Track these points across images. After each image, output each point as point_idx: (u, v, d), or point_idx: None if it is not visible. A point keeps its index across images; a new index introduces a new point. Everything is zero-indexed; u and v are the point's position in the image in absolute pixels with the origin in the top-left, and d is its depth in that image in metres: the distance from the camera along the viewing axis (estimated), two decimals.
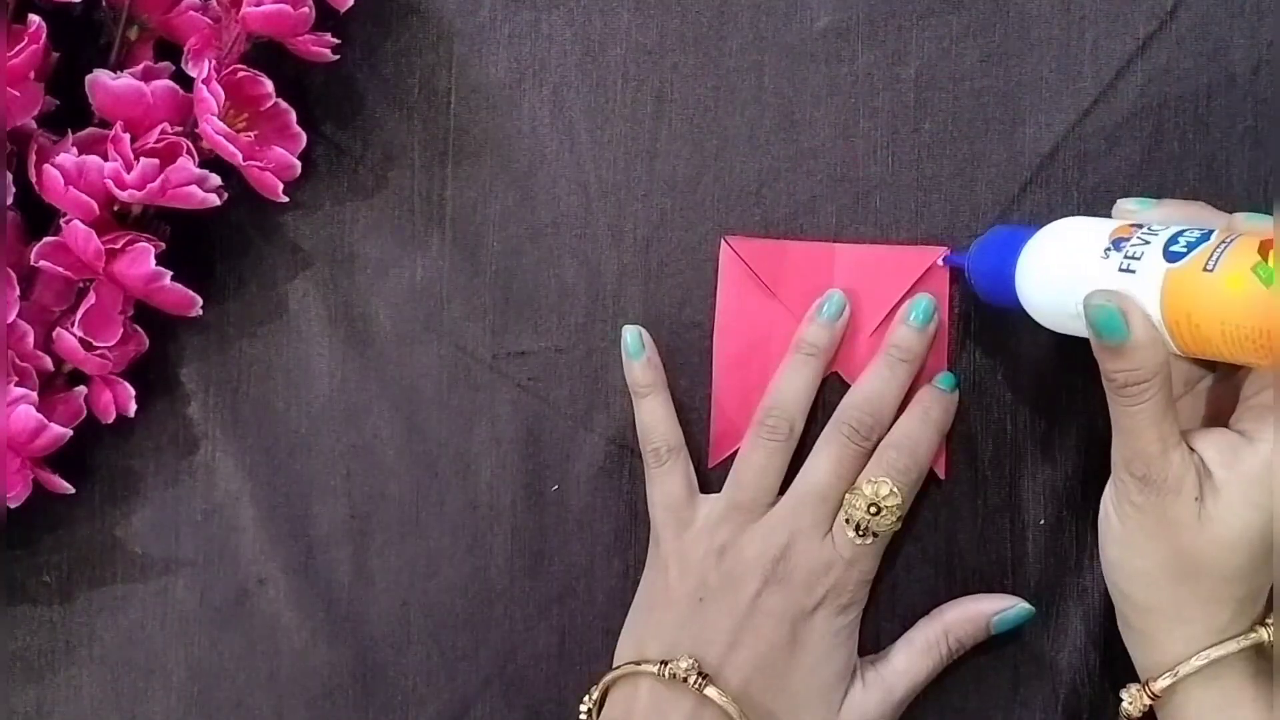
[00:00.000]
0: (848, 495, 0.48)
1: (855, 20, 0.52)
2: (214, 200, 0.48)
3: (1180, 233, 0.42)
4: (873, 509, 0.47)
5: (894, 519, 0.48)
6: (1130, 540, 0.44)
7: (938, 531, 0.51)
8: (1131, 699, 0.45)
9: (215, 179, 0.48)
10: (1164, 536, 0.42)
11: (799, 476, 0.49)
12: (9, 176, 0.48)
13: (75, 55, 0.49)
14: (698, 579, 0.48)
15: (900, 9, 0.52)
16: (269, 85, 0.49)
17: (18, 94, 0.47)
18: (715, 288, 0.52)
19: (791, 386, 0.50)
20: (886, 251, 0.52)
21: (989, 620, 0.50)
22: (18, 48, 0.46)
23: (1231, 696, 0.43)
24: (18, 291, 0.48)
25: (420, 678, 0.53)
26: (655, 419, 0.50)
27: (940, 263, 0.51)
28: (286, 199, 0.50)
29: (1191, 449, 0.43)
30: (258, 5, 0.47)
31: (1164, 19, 0.52)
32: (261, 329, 0.53)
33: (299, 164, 0.50)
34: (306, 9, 0.48)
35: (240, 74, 0.48)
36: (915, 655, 0.49)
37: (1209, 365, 0.45)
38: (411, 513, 0.53)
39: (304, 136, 0.51)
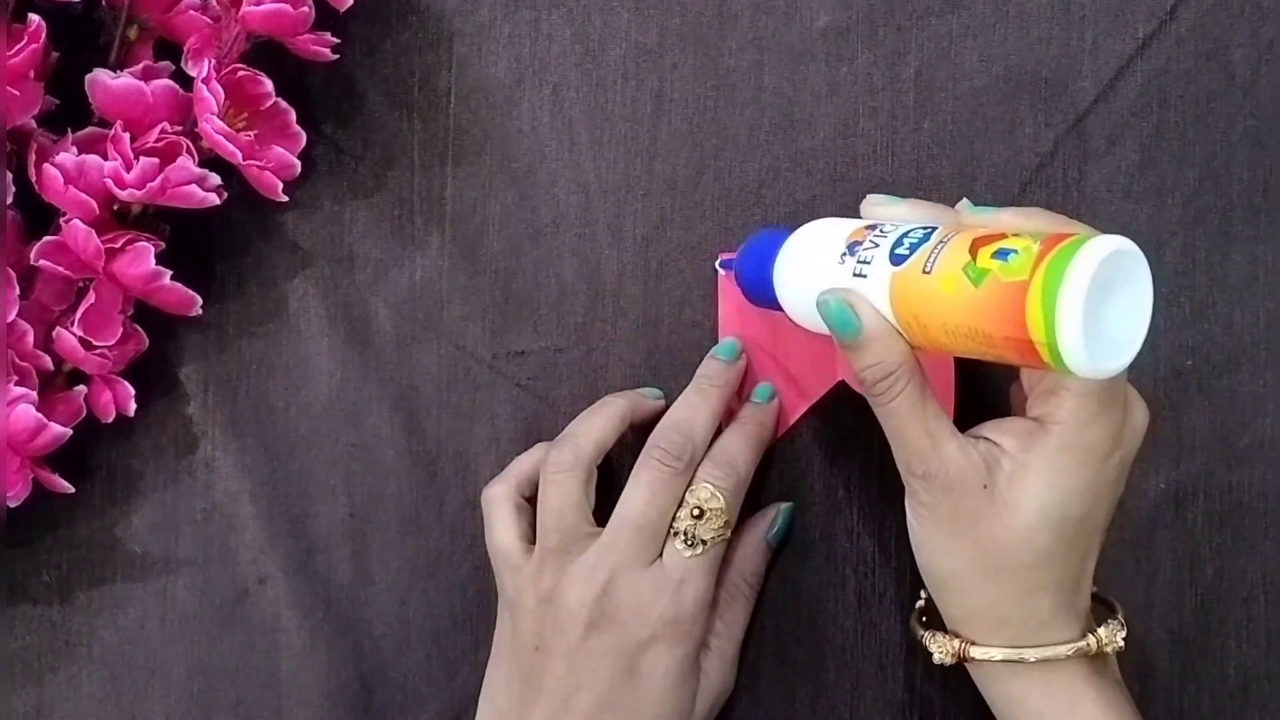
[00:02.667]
0: (676, 512, 0.47)
1: (855, 20, 0.52)
2: (214, 200, 0.48)
3: (906, 234, 0.42)
4: (696, 512, 0.46)
5: (720, 523, 0.46)
6: (933, 543, 0.43)
7: None
8: (942, 650, 0.45)
9: (215, 178, 0.48)
10: (963, 532, 0.42)
11: (615, 509, 0.47)
12: (9, 176, 0.48)
13: (75, 55, 0.49)
14: (532, 629, 0.47)
15: (900, 9, 0.52)
16: (269, 85, 0.49)
17: (18, 93, 0.47)
18: (715, 287, 0.52)
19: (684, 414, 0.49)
20: None
21: (765, 541, 0.50)
22: (18, 47, 0.46)
23: (1064, 696, 0.43)
24: (18, 291, 0.48)
25: (420, 678, 0.53)
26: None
27: (717, 266, 0.51)
28: (286, 198, 0.50)
29: (981, 436, 0.43)
30: (257, 5, 0.47)
31: (1164, 19, 0.52)
32: (261, 329, 0.53)
33: (299, 163, 0.50)
34: (306, 9, 0.48)
35: (240, 73, 0.48)
36: (725, 610, 0.49)
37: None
38: (411, 513, 0.53)
39: (304, 136, 0.51)
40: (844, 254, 0.43)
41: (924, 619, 0.47)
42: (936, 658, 0.45)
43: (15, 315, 0.48)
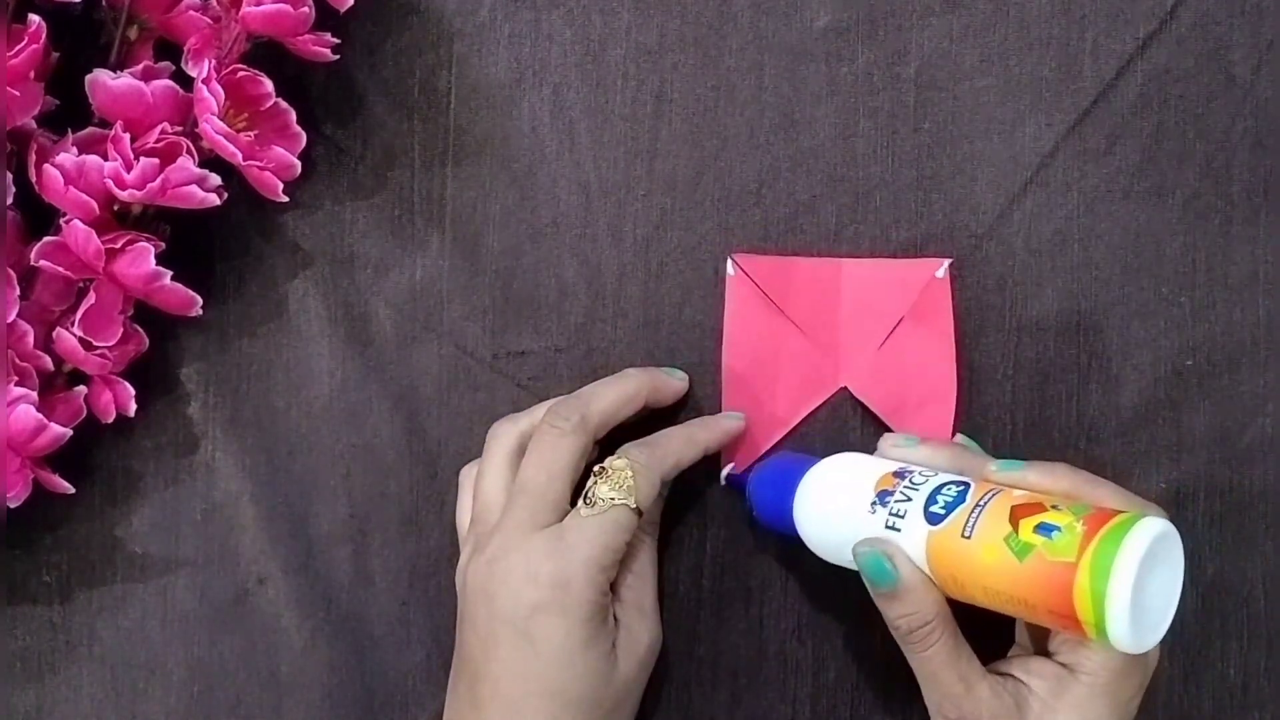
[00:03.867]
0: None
1: (855, 20, 0.52)
2: (214, 200, 0.48)
3: (939, 489, 0.43)
4: (599, 470, 0.46)
5: (621, 487, 0.46)
6: None
7: None
8: None
9: (215, 179, 0.48)
10: None
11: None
12: (9, 176, 0.48)
13: (75, 55, 0.49)
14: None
15: (900, 9, 0.52)
16: (269, 85, 0.49)
17: (18, 94, 0.47)
18: (715, 287, 0.52)
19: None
20: (891, 266, 0.52)
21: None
22: (18, 48, 0.45)
23: None
24: (18, 291, 0.48)
25: (420, 678, 0.53)
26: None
27: (723, 479, 0.51)
28: (286, 199, 0.50)
29: (1009, 674, 0.44)
30: (258, 5, 0.47)
31: (1164, 19, 0.52)
32: (261, 329, 0.53)
33: (299, 164, 0.50)
34: (306, 9, 0.48)
35: (240, 74, 0.48)
36: (630, 560, 0.48)
37: None
38: (411, 513, 0.53)
39: (304, 136, 0.51)
40: (874, 503, 0.44)
41: None
42: None
43: (15, 315, 0.48)
